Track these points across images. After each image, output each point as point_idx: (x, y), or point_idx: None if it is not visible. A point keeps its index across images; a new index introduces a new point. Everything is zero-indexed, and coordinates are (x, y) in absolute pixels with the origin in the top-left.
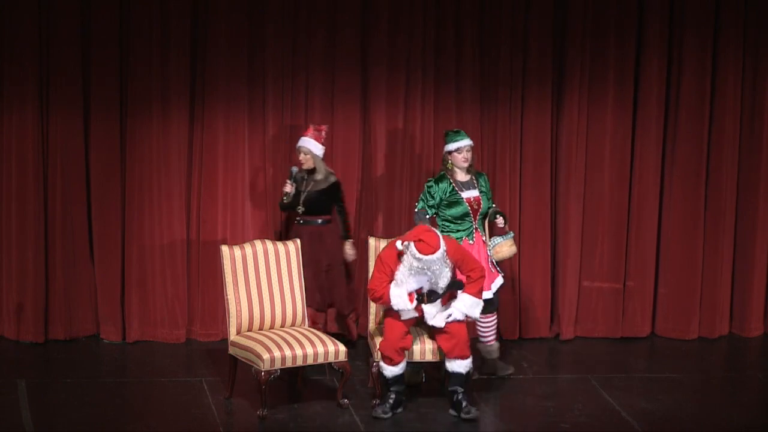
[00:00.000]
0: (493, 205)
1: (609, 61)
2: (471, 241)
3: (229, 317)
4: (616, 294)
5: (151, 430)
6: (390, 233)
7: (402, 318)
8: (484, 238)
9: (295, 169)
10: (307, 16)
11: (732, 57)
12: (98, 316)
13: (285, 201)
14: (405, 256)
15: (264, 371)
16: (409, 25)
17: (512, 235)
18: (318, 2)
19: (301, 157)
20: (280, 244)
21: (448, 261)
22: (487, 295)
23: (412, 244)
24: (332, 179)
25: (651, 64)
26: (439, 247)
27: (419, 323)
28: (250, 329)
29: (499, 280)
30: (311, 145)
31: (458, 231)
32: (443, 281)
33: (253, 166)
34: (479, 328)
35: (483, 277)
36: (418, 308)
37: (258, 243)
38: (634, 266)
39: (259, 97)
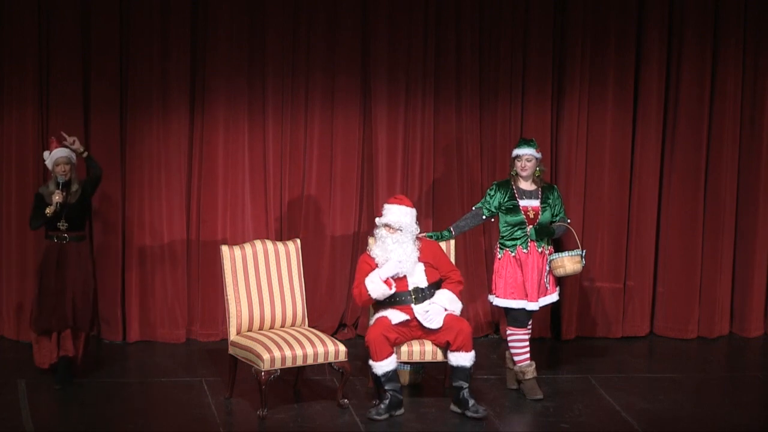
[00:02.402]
0: (558, 221)
1: (609, 61)
2: (525, 250)
3: (229, 317)
4: (616, 294)
5: (151, 430)
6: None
7: (392, 320)
8: (541, 250)
9: (62, 179)
10: (308, 16)
11: (732, 57)
12: (98, 316)
13: (48, 214)
14: (377, 233)
15: (264, 371)
16: (410, 25)
17: (579, 252)
18: (318, 2)
19: (62, 168)
20: (280, 244)
21: (417, 243)
22: (532, 306)
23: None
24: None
25: (651, 64)
26: (409, 205)
27: (419, 330)
28: (250, 329)
29: (549, 298)
30: (70, 154)
31: (512, 240)
32: (417, 272)
33: (253, 166)
34: (511, 344)
35: (461, 282)
36: (408, 310)
37: (258, 243)
38: (633, 266)
39: (259, 98)
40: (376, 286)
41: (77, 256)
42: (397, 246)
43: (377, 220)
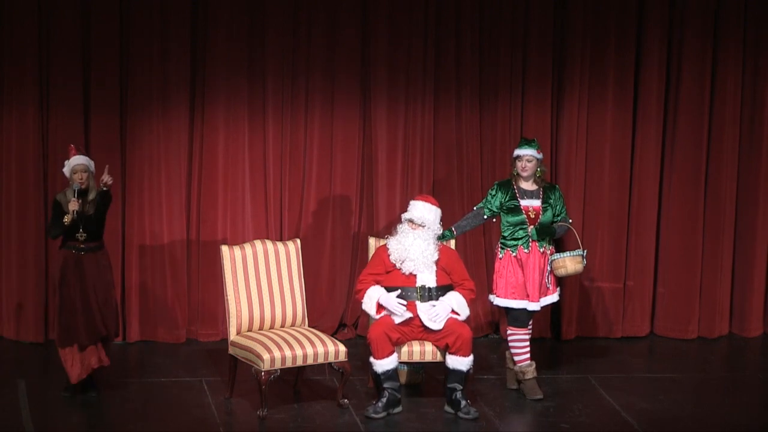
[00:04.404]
0: (560, 221)
1: (609, 61)
2: (526, 250)
3: (229, 317)
4: (616, 294)
5: (151, 430)
6: (390, 233)
7: (395, 319)
8: (542, 250)
9: (78, 186)
10: (308, 16)
11: (732, 57)
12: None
13: (66, 223)
14: (400, 228)
15: (264, 371)
16: (410, 25)
17: (580, 252)
18: (318, 2)
19: (79, 176)
20: (280, 244)
21: (436, 244)
22: (533, 307)
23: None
24: (102, 191)
25: (651, 64)
26: (435, 204)
27: (421, 330)
28: (250, 329)
29: (550, 298)
30: (88, 162)
31: (513, 239)
32: (428, 272)
33: (253, 166)
34: (512, 344)
35: (473, 291)
36: (412, 308)
37: (258, 243)
38: (633, 266)
39: (259, 98)
40: (370, 302)
41: (96, 266)
42: (418, 242)
43: (402, 215)
